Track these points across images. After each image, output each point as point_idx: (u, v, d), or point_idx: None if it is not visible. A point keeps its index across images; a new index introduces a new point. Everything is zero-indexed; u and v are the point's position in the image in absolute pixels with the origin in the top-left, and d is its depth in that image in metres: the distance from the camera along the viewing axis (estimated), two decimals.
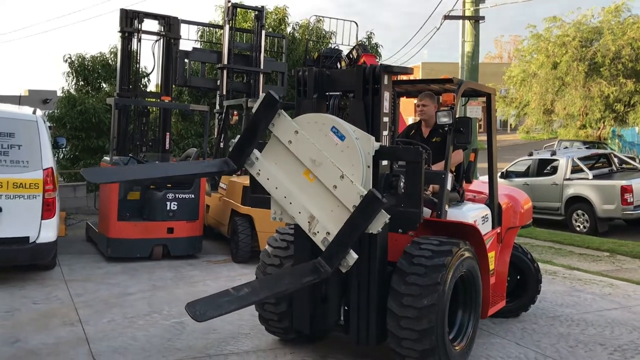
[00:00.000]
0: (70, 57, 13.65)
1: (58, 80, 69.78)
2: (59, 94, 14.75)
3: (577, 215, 11.94)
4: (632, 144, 28.40)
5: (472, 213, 4.86)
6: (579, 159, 12.58)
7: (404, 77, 6.37)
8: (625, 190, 11.15)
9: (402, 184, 3.88)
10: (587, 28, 24.69)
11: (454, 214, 4.66)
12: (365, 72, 4.04)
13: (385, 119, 4.05)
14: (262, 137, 4.09)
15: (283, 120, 3.90)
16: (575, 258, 8.87)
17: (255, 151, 3.97)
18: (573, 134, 26.23)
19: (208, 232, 8.81)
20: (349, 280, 4.17)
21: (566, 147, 21.73)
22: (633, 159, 16.51)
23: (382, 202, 3.63)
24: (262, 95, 3.92)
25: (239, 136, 4.03)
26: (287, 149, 3.90)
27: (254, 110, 3.94)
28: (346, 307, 4.26)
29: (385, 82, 4.02)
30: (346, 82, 4.24)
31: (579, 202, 11.90)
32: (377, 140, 3.91)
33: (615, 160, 13.23)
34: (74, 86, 13.78)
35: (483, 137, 12.69)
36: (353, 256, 3.78)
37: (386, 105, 4.05)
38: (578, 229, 11.82)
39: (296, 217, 3.93)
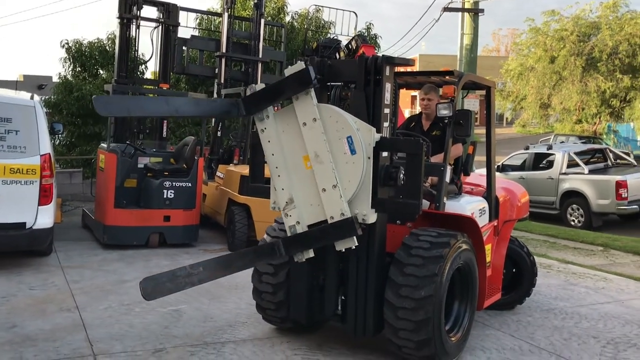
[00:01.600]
0: (67, 43, 13.57)
1: (53, 66, 69.25)
2: (55, 79, 14.67)
3: (572, 209, 12.00)
4: (627, 139, 28.53)
5: (470, 205, 4.88)
6: (575, 153, 12.63)
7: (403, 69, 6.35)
8: (619, 185, 11.22)
9: (401, 175, 3.89)
10: (585, 23, 24.71)
11: (452, 206, 4.68)
12: (367, 63, 4.04)
13: (386, 110, 4.05)
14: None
15: (308, 101, 3.84)
16: (569, 252, 8.92)
17: (270, 109, 3.95)
18: (569, 129, 26.31)
19: (205, 221, 8.81)
20: (347, 270, 4.20)
21: (562, 142, 21.80)
22: (628, 154, 16.61)
23: (356, 232, 3.76)
24: (300, 63, 3.84)
25: (261, 84, 3.98)
26: (299, 128, 3.88)
27: (285, 74, 3.88)
28: (343, 297, 4.29)
29: (387, 73, 4.02)
30: (348, 73, 4.24)
31: (574, 196, 11.97)
32: (378, 131, 3.91)
33: (611, 155, 13.30)
34: (70, 72, 13.71)
35: (478, 131, 12.68)
36: (310, 254, 3.94)
37: (387, 96, 4.05)
38: (573, 223, 11.88)
39: (277, 191, 3.97)
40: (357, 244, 3.84)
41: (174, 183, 7.86)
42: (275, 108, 9.41)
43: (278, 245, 3.95)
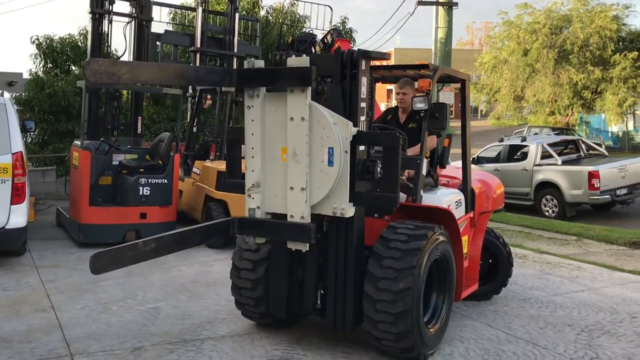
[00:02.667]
0: (38, 39, 13.31)
1: (23, 62, 67.97)
2: (25, 76, 14.39)
3: (546, 200, 12.18)
4: (598, 130, 29.08)
5: (446, 198, 4.93)
6: (549, 145, 12.81)
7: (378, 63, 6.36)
8: (592, 175, 11.41)
9: (379, 169, 3.90)
10: (557, 15, 25.09)
11: (428, 198, 4.72)
12: (343, 57, 4.03)
13: (363, 104, 4.06)
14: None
15: (302, 98, 3.74)
16: (544, 242, 9.06)
17: (263, 89, 3.85)
18: (542, 120, 26.72)
19: (181, 217, 8.74)
20: (326, 264, 4.21)
21: (536, 133, 22.10)
22: (599, 145, 16.92)
23: (310, 240, 3.77)
24: (305, 59, 3.73)
25: (261, 61, 3.85)
26: (286, 119, 3.81)
27: (288, 64, 3.78)
28: (322, 291, 4.30)
29: (363, 67, 4.02)
30: (324, 67, 4.21)
31: (548, 187, 12.14)
32: (355, 125, 3.91)
33: (583, 146, 13.52)
34: (42, 68, 13.46)
35: (454, 123, 12.80)
36: (262, 240, 4.05)
37: (364, 90, 4.05)
38: (547, 213, 12.06)
39: (247, 171, 3.94)
40: (308, 249, 3.87)
41: (149, 180, 7.78)
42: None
43: (233, 224, 3.95)
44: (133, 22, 9.52)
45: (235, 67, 10.91)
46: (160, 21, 11.53)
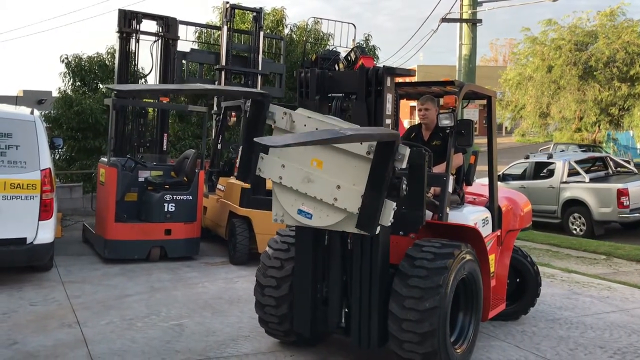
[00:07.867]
0: (67, 58, 13.60)
1: (53, 81, 69.47)
2: (55, 94, 14.68)
3: (574, 218, 11.97)
4: (626, 147, 28.56)
5: (473, 216, 4.86)
6: (576, 162, 12.61)
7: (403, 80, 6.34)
8: (621, 193, 11.20)
9: (404, 186, 3.86)
10: (582, 32, 24.79)
11: (454, 216, 4.66)
12: (368, 74, 4.03)
13: (388, 121, 4.04)
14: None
15: (364, 171, 3.75)
16: (572, 261, 8.88)
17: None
18: (568, 137, 26.32)
19: (205, 234, 8.78)
20: (351, 282, 4.16)
21: (562, 150, 21.80)
22: (628, 162, 16.60)
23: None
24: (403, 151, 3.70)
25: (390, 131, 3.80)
26: (348, 164, 3.79)
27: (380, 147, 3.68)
28: (347, 310, 4.25)
29: (388, 84, 4.01)
30: (349, 84, 4.22)
31: (575, 205, 11.94)
32: None
33: (611, 163, 13.29)
34: (70, 87, 13.72)
35: (478, 140, 12.79)
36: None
37: (389, 107, 4.04)
38: (575, 232, 11.84)
39: (292, 121, 3.98)
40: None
41: (174, 196, 7.84)
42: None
43: (258, 101, 4.29)
44: (160, 40, 9.69)
45: (259, 84, 11.01)
46: (186, 40, 11.70)
